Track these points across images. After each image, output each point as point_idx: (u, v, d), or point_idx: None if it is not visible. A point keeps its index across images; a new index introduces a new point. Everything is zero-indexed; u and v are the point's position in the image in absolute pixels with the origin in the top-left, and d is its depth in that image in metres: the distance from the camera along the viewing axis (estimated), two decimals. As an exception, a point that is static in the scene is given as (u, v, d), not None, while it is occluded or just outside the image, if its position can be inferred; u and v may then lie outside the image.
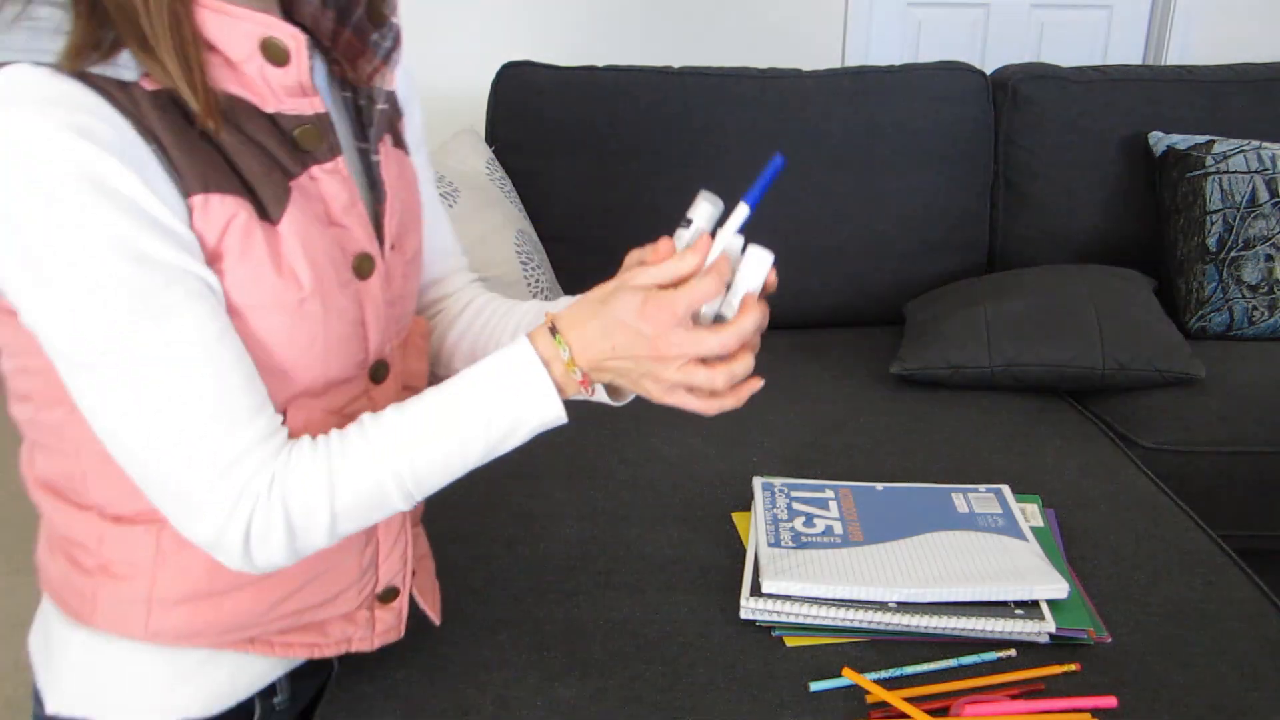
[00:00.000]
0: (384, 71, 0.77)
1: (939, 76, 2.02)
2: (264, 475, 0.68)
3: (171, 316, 0.63)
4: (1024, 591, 1.00)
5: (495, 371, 0.73)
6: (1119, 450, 1.45)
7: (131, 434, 0.65)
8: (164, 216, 0.62)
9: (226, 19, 0.65)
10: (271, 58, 0.67)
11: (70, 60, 0.60)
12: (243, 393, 0.66)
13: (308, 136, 0.71)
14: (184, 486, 0.66)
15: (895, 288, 2.00)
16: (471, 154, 1.82)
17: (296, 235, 0.69)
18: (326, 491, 0.69)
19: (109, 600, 0.77)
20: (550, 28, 2.58)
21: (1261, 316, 1.83)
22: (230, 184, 0.66)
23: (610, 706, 0.91)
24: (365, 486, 0.70)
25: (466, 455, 0.73)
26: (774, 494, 1.20)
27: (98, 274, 0.60)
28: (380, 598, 0.87)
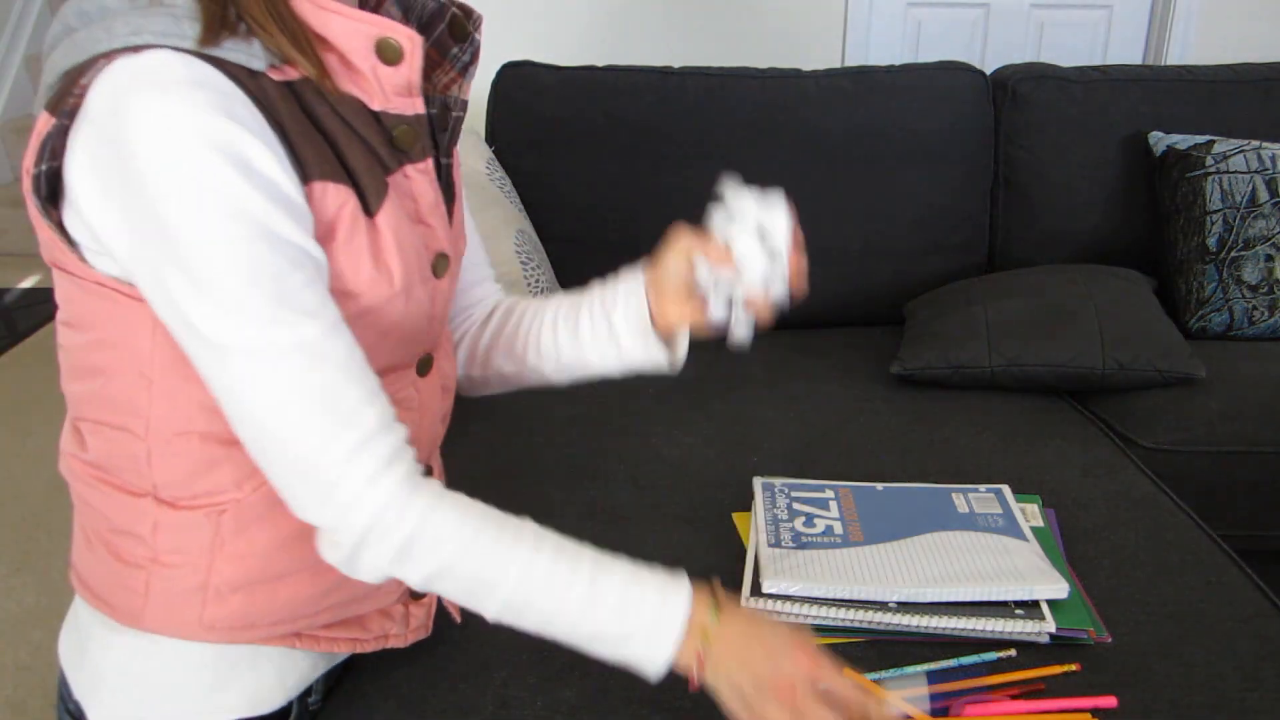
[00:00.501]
0: (460, 82, 0.80)
1: (939, 76, 2.02)
2: (403, 485, 0.69)
3: (303, 296, 0.65)
4: (1024, 591, 1.00)
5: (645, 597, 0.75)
6: (1119, 450, 1.45)
7: (267, 412, 0.66)
8: (295, 196, 0.65)
9: (339, 18, 0.67)
10: (385, 57, 0.69)
11: (206, 40, 0.62)
12: (364, 374, 0.69)
13: (406, 136, 0.73)
14: (317, 465, 0.67)
15: (895, 288, 2.00)
16: (471, 154, 1.82)
17: (391, 230, 0.71)
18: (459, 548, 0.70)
19: (162, 592, 0.76)
20: (550, 28, 2.58)
21: (1261, 316, 1.83)
22: (340, 174, 0.68)
23: (610, 706, 0.91)
24: (486, 574, 0.72)
25: (570, 631, 0.75)
26: (774, 494, 1.20)
27: (238, 254, 0.62)
28: (413, 593, 0.89)
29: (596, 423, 1.51)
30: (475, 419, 1.56)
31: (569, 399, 1.62)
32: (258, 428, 0.67)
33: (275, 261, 0.63)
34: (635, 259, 1.88)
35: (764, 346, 1.87)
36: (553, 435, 1.49)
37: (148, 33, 0.62)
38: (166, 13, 0.63)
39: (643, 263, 0.91)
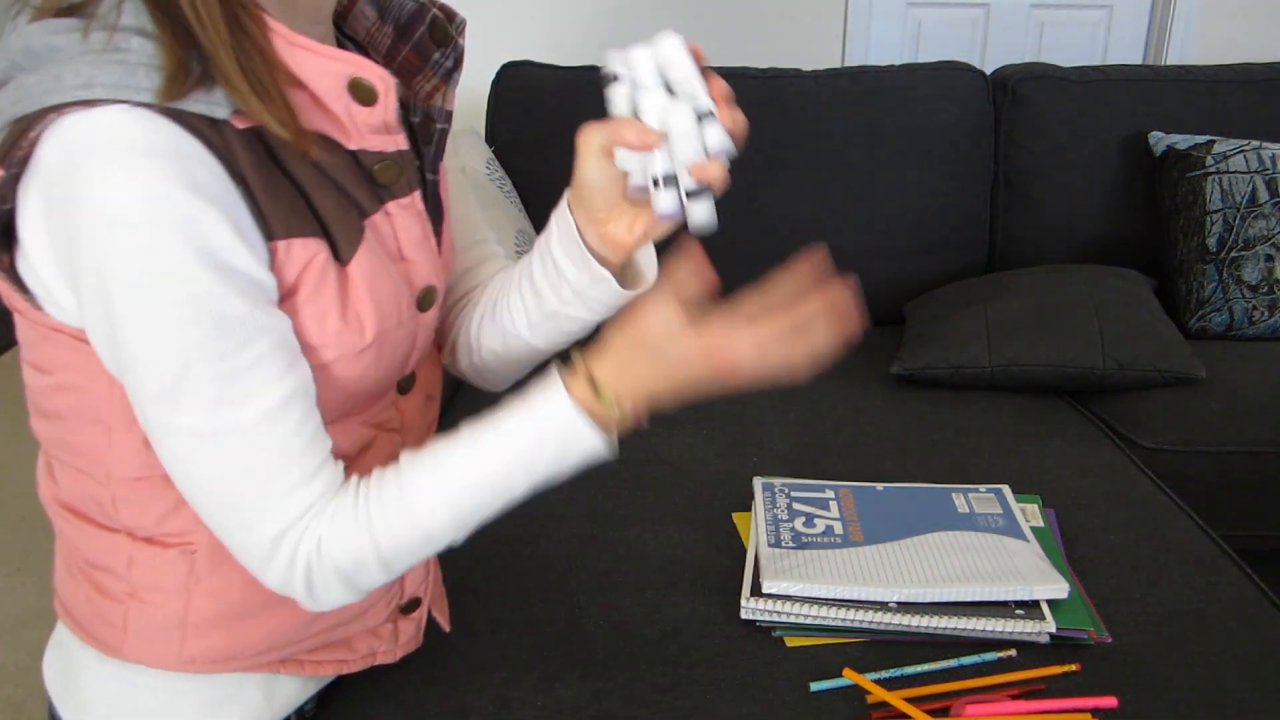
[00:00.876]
0: (444, 90, 0.76)
1: (939, 76, 2.02)
2: (311, 537, 0.67)
3: (252, 377, 0.62)
4: (1024, 591, 1.00)
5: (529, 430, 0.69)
6: (1119, 450, 1.45)
7: (201, 490, 0.65)
8: (253, 270, 0.61)
9: (313, 56, 0.63)
10: (359, 97, 0.65)
11: (166, 94, 0.58)
12: (304, 455, 0.65)
13: (388, 172, 0.70)
14: (243, 546, 0.67)
15: (895, 288, 2.00)
16: (471, 154, 1.82)
17: (364, 278, 0.68)
18: (369, 538, 0.67)
19: (140, 628, 0.75)
20: (550, 28, 2.58)
21: (1261, 316, 1.83)
22: (309, 226, 0.65)
23: (610, 706, 0.91)
24: (407, 532, 0.69)
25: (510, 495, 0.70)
26: (774, 494, 1.20)
27: (183, 339, 0.59)
28: (403, 609, 0.87)
29: (596, 423, 1.51)
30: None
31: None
32: (194, 500, 0.66)
33: (223, 344, 0.60)
34: (635, 259, 1.84)
35: (764, 346, 1.87)
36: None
37: (99, 85, 0.57)
38: (119, 60, 0.58)
39: None
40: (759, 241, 1.96)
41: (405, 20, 0.74)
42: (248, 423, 0.62)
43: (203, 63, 0.60)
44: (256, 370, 0.62)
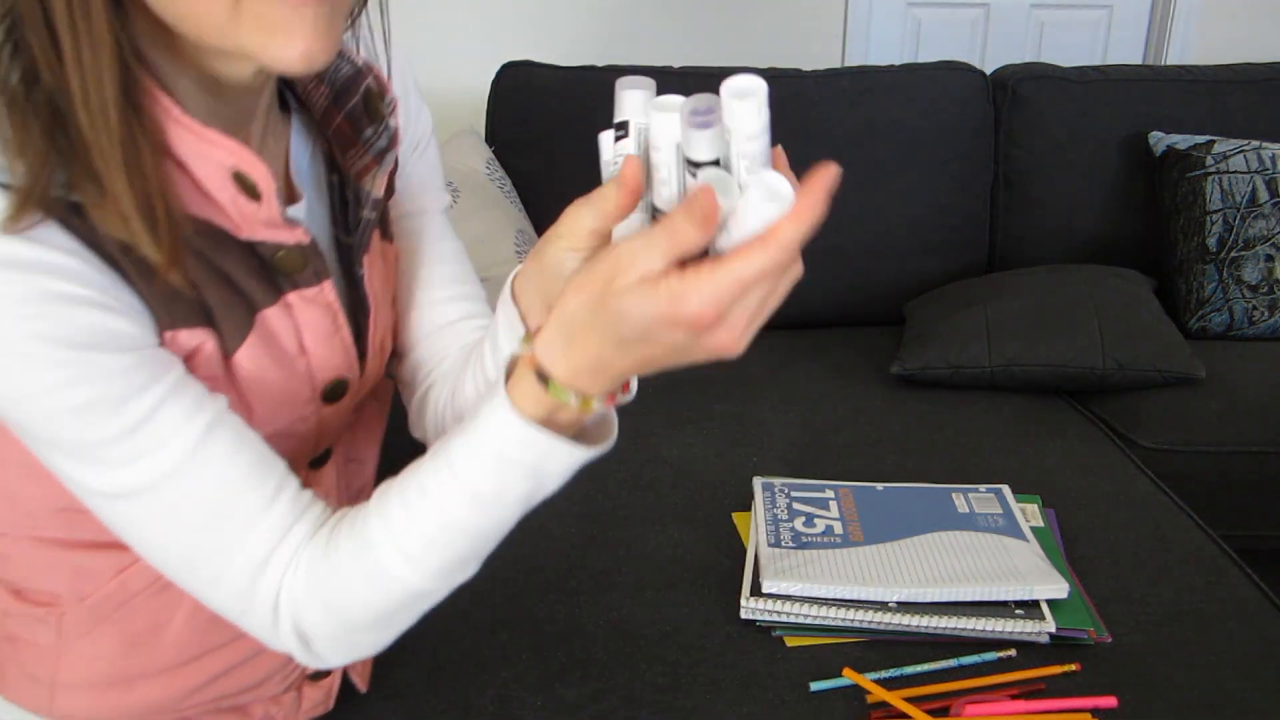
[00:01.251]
0: (375, 172, 0.69)
1: (939, 76, 2.02)
2: (298, 573, 0.60)
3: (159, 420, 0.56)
4: (1024, 591, 1.00)
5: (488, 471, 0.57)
6: (1119, 450, 1.45)
7: (154, 550, 0.60)
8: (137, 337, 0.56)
9: (198, 142, 0.57)
10: (245, 189, 0.59)
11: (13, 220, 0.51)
12: (247, 485, 0.59)
13: (289, 262, 0.64)
14: (221, 604, 0.61)
15: (895, 288, 2.00)
16: (471, 154, 1.82)
17: (249, 372, 0.63)
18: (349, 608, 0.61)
19: (15, 673, 0.73)
20: (550, 28, 2.57)
21: (1261, 316, 1.83)
22: (195, 316, 0.60)
23: (610, 706, 0.91)
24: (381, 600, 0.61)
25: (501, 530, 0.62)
26: (774, 494, 1.20)
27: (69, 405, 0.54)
28: (311, 676, 0.82)
29: (596, 423, 1.51)
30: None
31: (569, 399, 1.62)
32: (158, 565, 0.61)
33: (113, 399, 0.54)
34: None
35: (764, 346, 1.87)
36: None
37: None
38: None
39: None
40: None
41: (341, 85, 0.68)
42: (172, 469, 0.57)
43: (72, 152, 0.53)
44: (161, 413, 0.56)
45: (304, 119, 0.71)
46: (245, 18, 0.52)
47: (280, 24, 0.53)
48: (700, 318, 0.49)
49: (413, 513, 0.59)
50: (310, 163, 0.71)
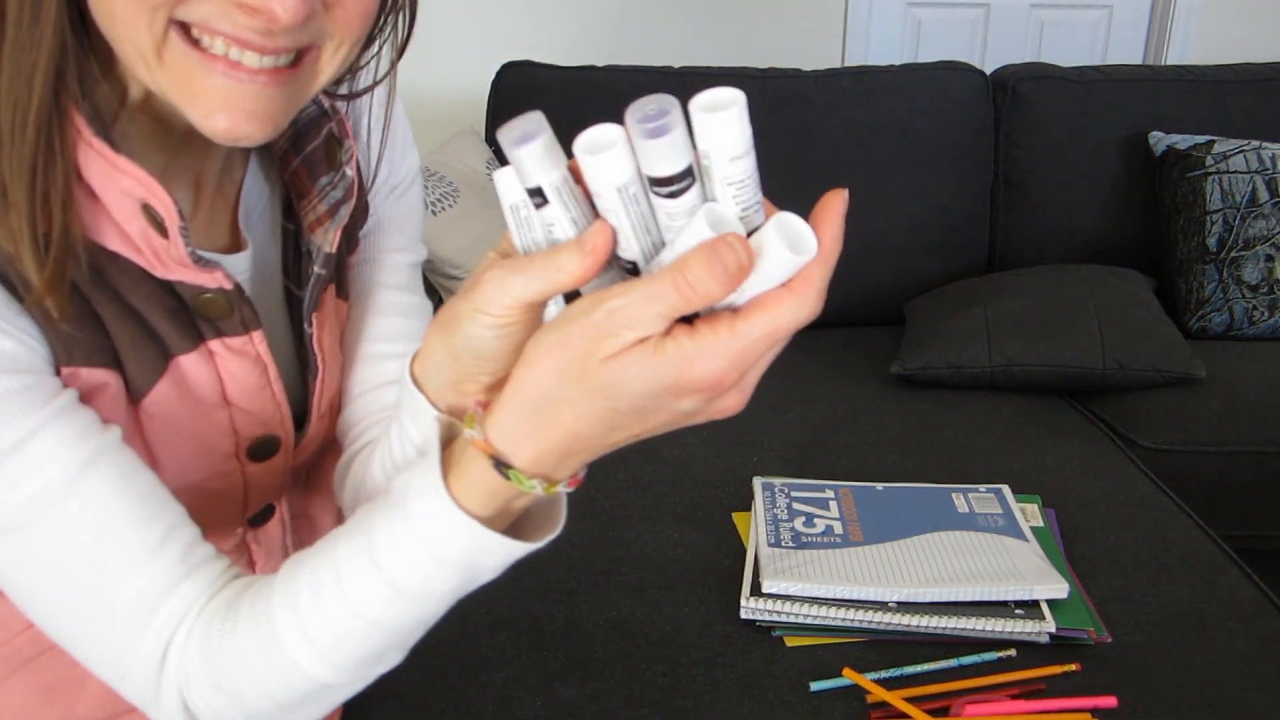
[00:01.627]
0: (327, 225, 0.63)
1: (939, 76, 2.02)
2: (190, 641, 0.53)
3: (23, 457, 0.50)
4: (1024, 591, 1.00)
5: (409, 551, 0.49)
6: (1119, 450, 1.45)
7: (26, 602, 0.53)
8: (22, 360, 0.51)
9: (108, 168, 0.52)
10: (155, 224, 0.54)
11: None
12: (130, 527, 0.52)
13: (213, 307, 0.58)
14: (95, 662, 0.54)
15: (895, 288, 2.00)
16: (471, 154, 1.82)
17: (159, 419, 0.58)
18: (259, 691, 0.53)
19: None
20: (550, 28, 2.57)
21: (1261, 316, 1.83)
22: (97, 355, 0.55)
23: (610, 706, 0.91)
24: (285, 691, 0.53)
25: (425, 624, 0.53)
26: (774, 494, 1.20)
27: None
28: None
29: (596, 423, 1.51)
30: (475, 419, 1.56)
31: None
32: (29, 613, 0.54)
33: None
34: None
35: (764, 346, 1.87)
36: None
37: None
38: None
39: None
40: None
41: (303, 125, 0.63)
42: (45, 503, 0.51)
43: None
44: (38, 440, 0.51)
45: (263, 159, 0.67)
46: (168, 70, 0.49)
47: (201, 92, 0.50)
48: (721, 381, 0.43)
49: (324, 600, 0.50)
50: (268, 206, 0.67)
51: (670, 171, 0.41)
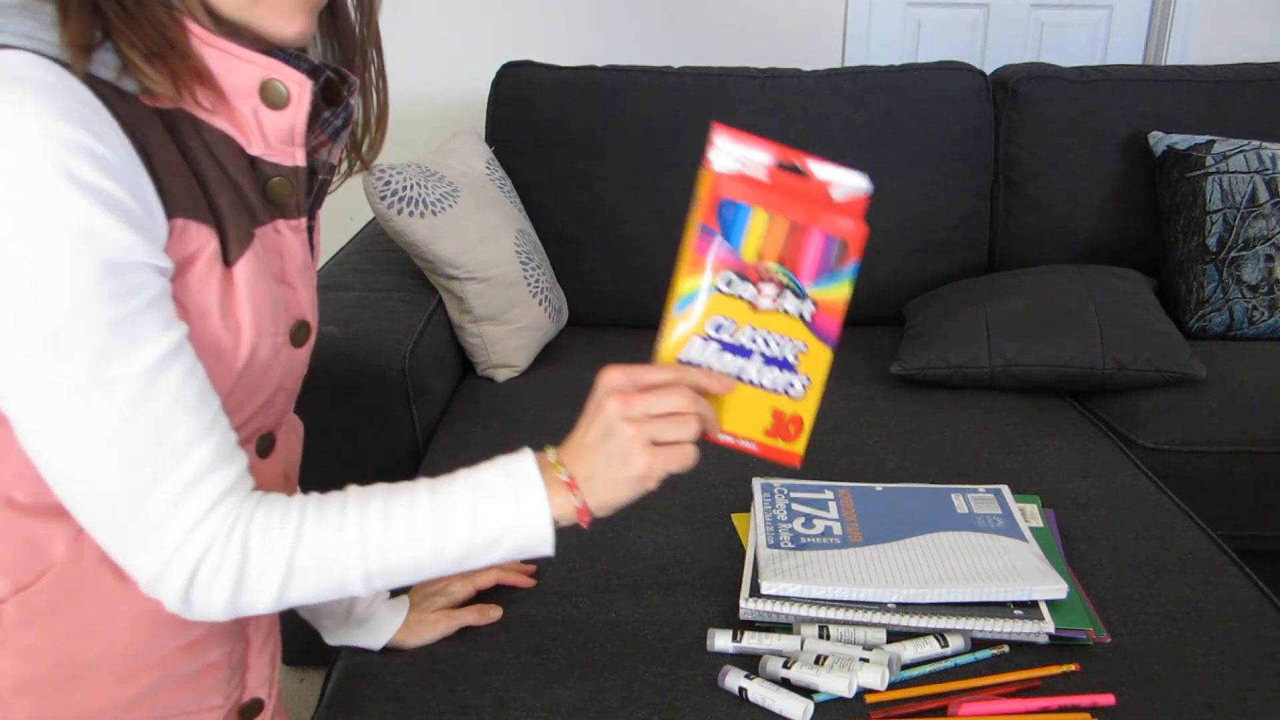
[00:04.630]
0: (330, 146, 0.75)
1: (939, 76, 2.02)
2: (226, 515, 0.64)
3: (142, 322, 0.59)
4: (1023, 592, 1.00)
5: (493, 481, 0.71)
6: (1119, 450, 1.45)
7: (88, 452, 0.59)
8: (151, 215, 0.59)
9: (223, 55, 0.63)
10: (268, 100, 0.66)
11: (72, 56, 0.57)
12: (201, 402, 0.63)
13: (281, 188, 0.69)
14: (139, 510, 0.61)
15: (895, 288, 2.00)
16: (471, 154, 1.82)
17: (247, 285, 0.66)
18: (290, 545, 0.66)
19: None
20: (550, 28, 2.58)
21: (1261, 316, 1.83)
22: (205, 214, 0.63)
23: (610, 707, 0.91)
24: (329, 556, 0.67)
25: (440, 560, 0.70)
26: (773, 495, 1.20)
27: (71, 279, 0.56)
28: (243, 712, 0.80)
29: (596, 423, 1.51)
30: (475, 419, 1.56)
31: (569, 399, 1.62)
32: (75, 469, 0.60)
33: (113, 286, 0.57)
34: (635, 259, 1.89)
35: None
36: (553, 435, 1.49)
37: (8, 32, 0.56)
38: (33, 16, 0.58)
39: None
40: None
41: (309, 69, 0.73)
42: (139, 371, 0.59)
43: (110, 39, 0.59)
44: (146, 316, 0.59)
45: None
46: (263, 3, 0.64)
47: (288, 9, 0.64)
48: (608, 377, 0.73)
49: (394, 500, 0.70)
50: None
51: None
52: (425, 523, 0.69)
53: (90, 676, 0.69)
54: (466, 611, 1.01)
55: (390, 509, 0.69)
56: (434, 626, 0.99)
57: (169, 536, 0.62)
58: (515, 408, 1.60)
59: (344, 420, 1.47)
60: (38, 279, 0.55)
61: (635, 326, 1.97)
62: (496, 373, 1.71)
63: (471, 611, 1.01)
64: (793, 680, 0.92)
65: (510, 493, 0.71)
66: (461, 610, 1.01)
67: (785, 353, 0.74)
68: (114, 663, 0.70)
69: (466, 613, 1.01)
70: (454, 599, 1.02)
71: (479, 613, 1.01)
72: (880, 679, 0.91)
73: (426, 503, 0.69)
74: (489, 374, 1.72)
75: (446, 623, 0.99)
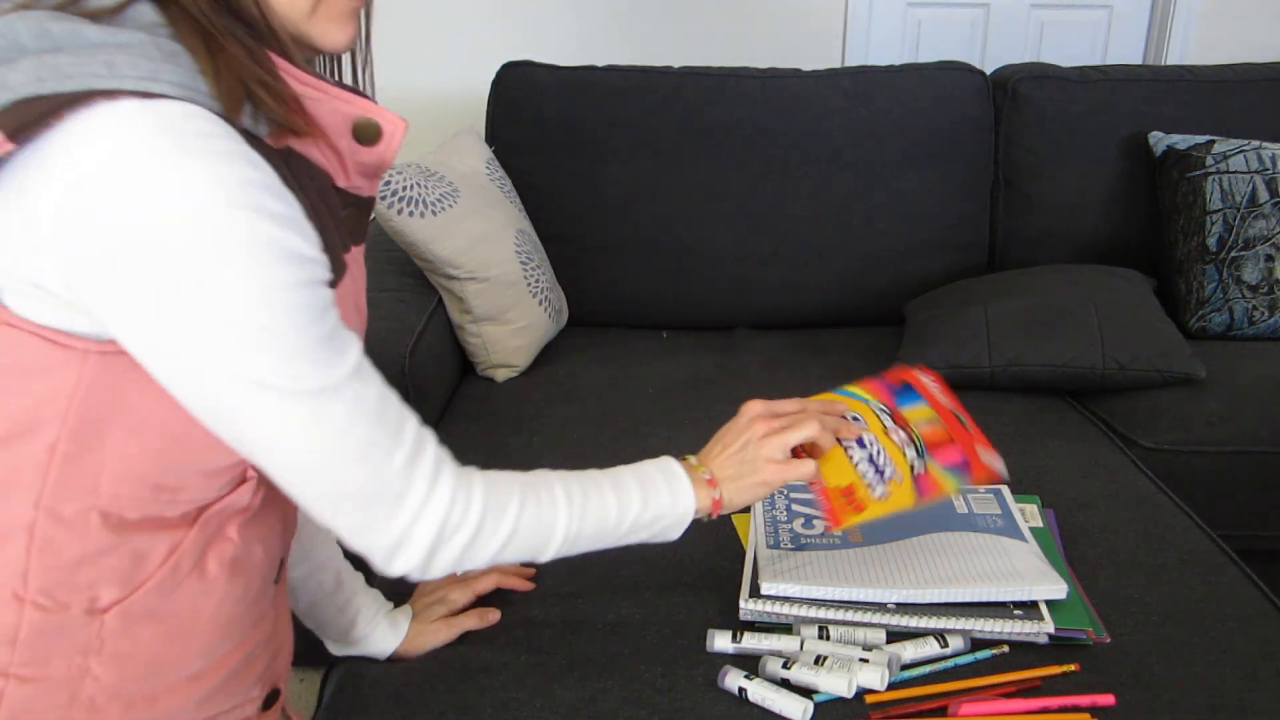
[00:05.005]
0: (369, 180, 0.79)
1: (939, 76, 2.02)
2: (452, 476, 0.72)
3: (340, 332, 0.65)
4: (1022, 592, 1.00)
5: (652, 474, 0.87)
6: (1119, 450, 1.45)
7: (331, 445, 0.65)
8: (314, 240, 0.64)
9: (322, 96, 0.67)
10: (361, 137, 0.69)
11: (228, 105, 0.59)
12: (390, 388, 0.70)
13: (353, 219, 0.73)
14: (383, 483, 0.68)
15: (895, 288, 2.00)
16: (471, 154, 1.82)
17: (342, 311, 0.69)
18: (516, 508, 0.76)
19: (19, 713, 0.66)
20: (550, 28, 2.57)
21: (1261, 316, 1.83)
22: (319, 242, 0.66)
23: (609, 708, 0.91)
24: (544, 521, 0.78)
25: (615, 532, 0.83)
26: (773, 495, 1.20)
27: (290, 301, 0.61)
28: (266, 701, 0.81)
29: (596, 423, 1.51)
30: (475, 419, 1.56)
31: (569, 399, 1.62)
32: (316, 464, 0.65)
33: (316, 301, 0.63)
34: (635, 259, 1.90)
35: (764, 346, 1.87)
36: (553, 435, 1.49)
37: (165, 81, 0.57)
38: (175, 63, 0.58)
39: None
40: (759, 242, 1.96)
41: None
42: (351, 369, 0.66)
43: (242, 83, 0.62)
44: (341, 325, 0.66)
45: None
46: (320, 15, 0.67)
47: (339, 18, 0.68)
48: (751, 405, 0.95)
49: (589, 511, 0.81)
50: None
51: None
52: (612, 502, 0.82)
53: (172, 678, 0.71)
54: (466, 617, 1.02)
55: (586, 488, 0.81)
56: (435, 635, 1.00)
57: (411, 501, 0.70)
58: (515, 408, 1.60)
59: (344, 420, 1.47)
60: (260, 313, 0.59)
61: (635, 326, 1.97)
62: (496, 373, 1.71)
63: (471, 616, 1.02)
64: (792, 680, 0.92)
65: (667, 484, 0.86)
66: (461, 616, 1.02)
67: (886, 468, 0.92)
68: (191, 662, 0.72)
69: (466, 618, 1.02)
70: (454, 606, 1.03)
71: (479, 617, 1.02)
72: (880, 679, 0.91)
73: (610, 486, 0.83)
74: (489, 374, 1.72)
75: (448, 630, 1.00)
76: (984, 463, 0.92)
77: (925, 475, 0.92)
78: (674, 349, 1.85)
